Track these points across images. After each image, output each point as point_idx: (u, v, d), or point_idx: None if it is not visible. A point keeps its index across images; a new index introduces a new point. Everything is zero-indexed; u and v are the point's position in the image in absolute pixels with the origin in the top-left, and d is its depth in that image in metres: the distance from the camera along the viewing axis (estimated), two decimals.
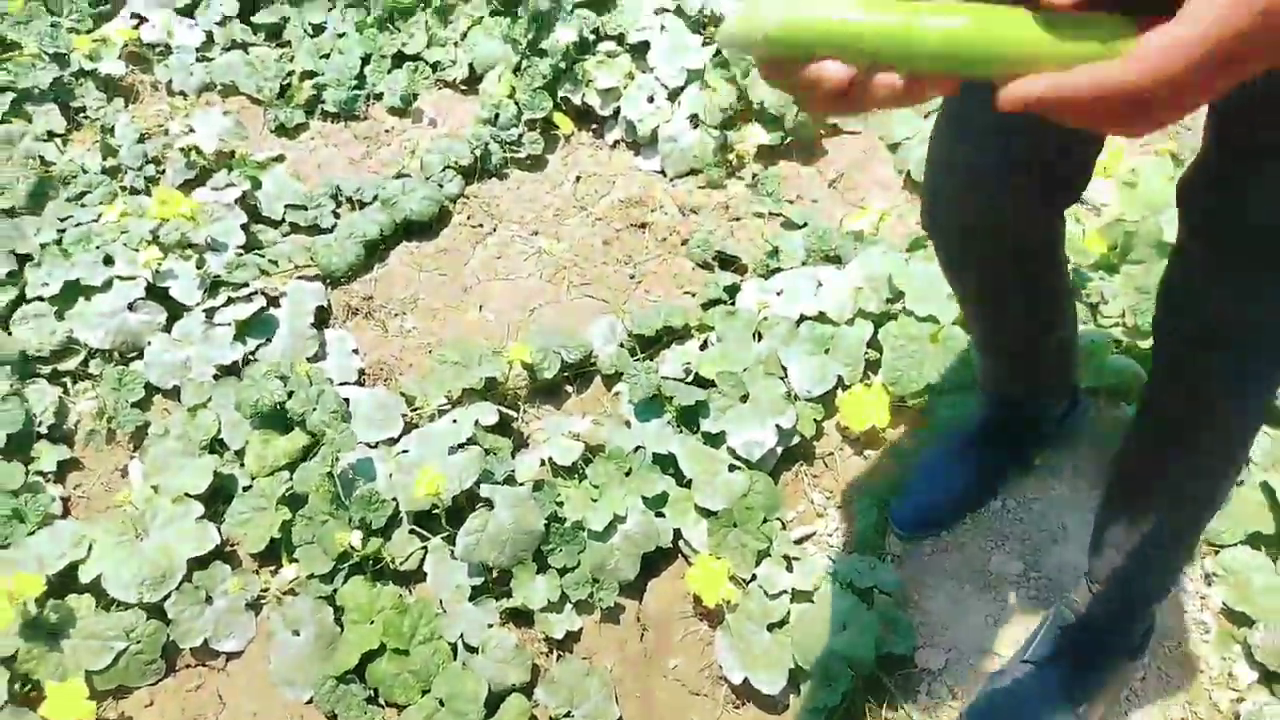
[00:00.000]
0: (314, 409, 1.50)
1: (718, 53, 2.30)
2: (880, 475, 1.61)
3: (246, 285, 1.81)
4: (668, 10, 2.38)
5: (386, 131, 2.34)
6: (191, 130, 2.17)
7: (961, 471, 1.49)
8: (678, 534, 1.50)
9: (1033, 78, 0.50)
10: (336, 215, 2.11)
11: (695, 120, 2.19)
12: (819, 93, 0.53)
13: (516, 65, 2.32)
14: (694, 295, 1.95)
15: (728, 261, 2.00)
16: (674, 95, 2.24)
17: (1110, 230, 1.70)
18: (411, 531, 1.46)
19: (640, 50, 2.31)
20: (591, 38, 2.34)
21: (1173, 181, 1.83)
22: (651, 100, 2.23)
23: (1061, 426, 1.50)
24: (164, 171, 2.19)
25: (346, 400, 1.58)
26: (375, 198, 2.09)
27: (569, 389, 1.79)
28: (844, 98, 0.53)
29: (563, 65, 2.28)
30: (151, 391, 1.74)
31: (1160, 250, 1.65)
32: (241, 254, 1.91)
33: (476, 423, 1.55)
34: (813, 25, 0.52)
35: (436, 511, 1.44)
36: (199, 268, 1.85)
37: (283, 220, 2.08)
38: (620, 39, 2.35)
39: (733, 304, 1.84)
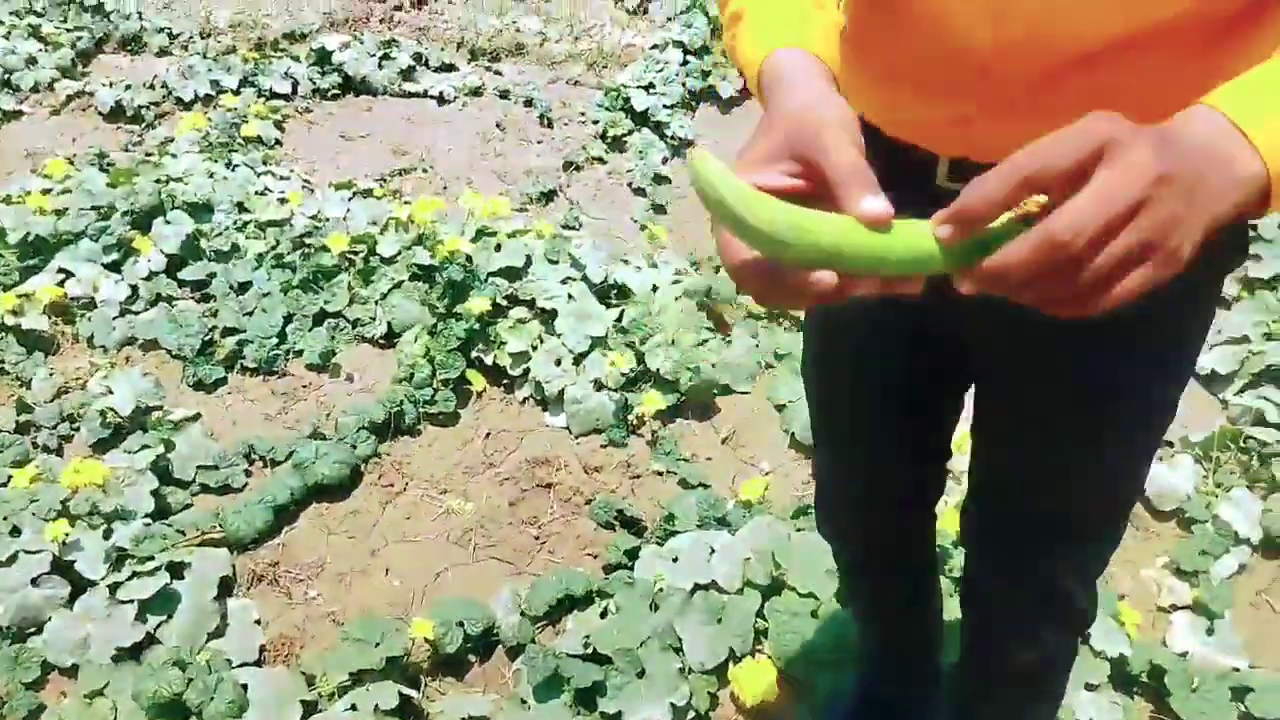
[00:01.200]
0: (211, 699, 1.52)
1: (619, 319, 2.51)
2: None
3: (152, 558, 1.83)
4: (575, 279, 2.59)
5: (304, 387, 2.44)
6: (110, 391, 2.24)
7: None
8: None
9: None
10: (248, 474, 2.17)
11: (598, 384, 2.35)
12: (806, 293, 0.59)
13: (433, 327, 2.47)
14: (596, 557, 2.04)
15: (629, 522, 2.11)
16: (579, 359, 2.41)
17: None
18: None
19: (549, 316, 2.50)
20: (504, 303, 2.52)
21: None
22: (559, 364, 2.39)
23: (929, 702, 1.60)
24: (79, 429, 2.24)
25: (245, 686, 1.59)
26: (289, 456, 2.17)
27: (472, 659, 1.83)
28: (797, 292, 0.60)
29: (477, 327, 2.45)
30: (48, 669, 1.72)
31: None
32: (149, 524, 1.95)
33: (376, 708, 1.58)
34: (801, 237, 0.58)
35: None
36: (105, 538, 1.87)
37: (193, 481, 2.13)
38: (531, 304, 2.54)
39: (632, 568, 1.93)
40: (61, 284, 2.58)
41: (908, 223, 0.60)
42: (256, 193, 3.04)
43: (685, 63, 4.05)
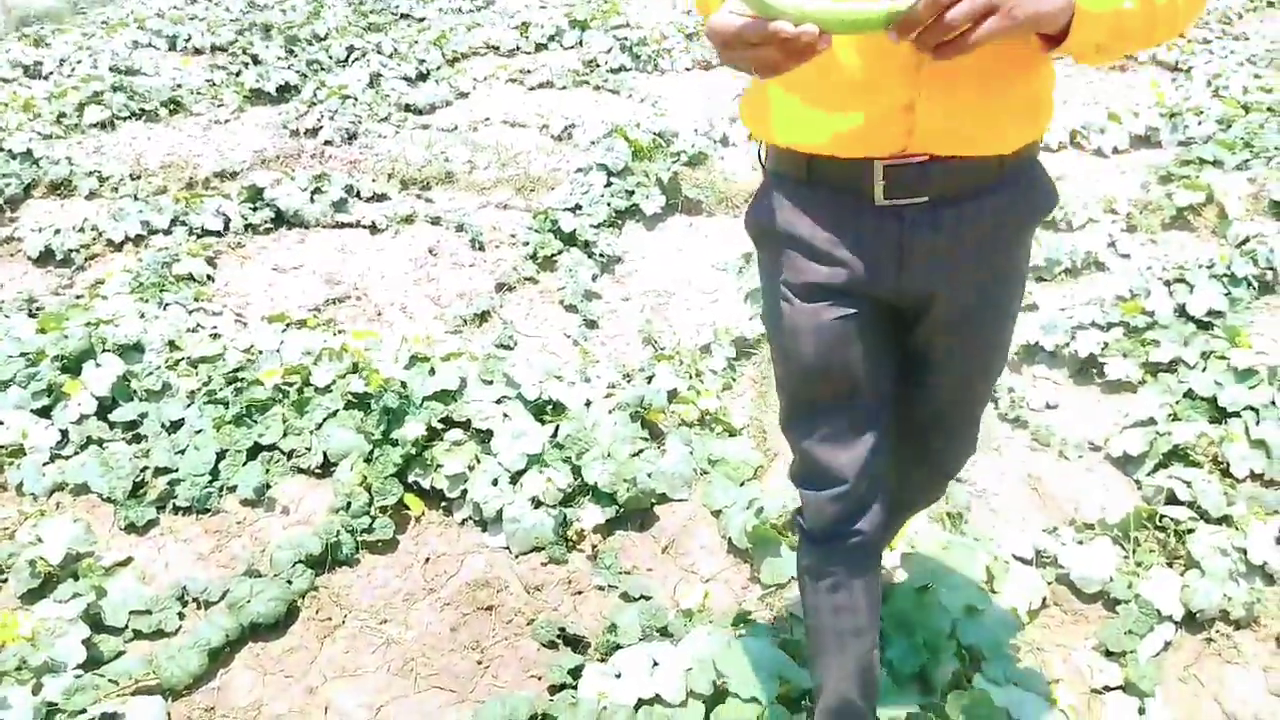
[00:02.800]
0: None
1: (555, 435, 2.55)
2: None
3: (84, 711, 1.78)
4: (510, 398, 2.64)
5: (238, 524, 2.42)
6: (39, 540, 2.20)
7: None
8: None
9: None
10: (182, 617, 2.13)
11: (536, 501, 2.37)
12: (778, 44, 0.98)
13: (369, 454, 2.49)
14: (540, 678, 2.03)
15: (572, 640, 2.10)
16: (516, 478, 2.43)
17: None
18: None
19: (485, 436, 2.54)
20: (440, 426, 2.55)
21: (946, 549, 2.10)
22: (495, 483, 2.42)
23: None
24: (6, 580, 2.18)
25: None
26: (223, 596, 2.14)
27: None
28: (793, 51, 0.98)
29: (413, 452, 2.47)
30: None
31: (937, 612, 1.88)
32: (81, 675, 1.90)
33: None
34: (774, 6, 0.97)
35: None
36: (35, 694, 1.82)
37: (126, 627, 2.09)
38: (467, 425, 2.58)
39: (575, 688, 1.93)
40: None
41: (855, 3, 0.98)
42: (188, 330, 3.06)
43: (609, 184, 4.22)
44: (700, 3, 1.24)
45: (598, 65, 5.74)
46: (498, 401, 2.62)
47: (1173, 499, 2.34)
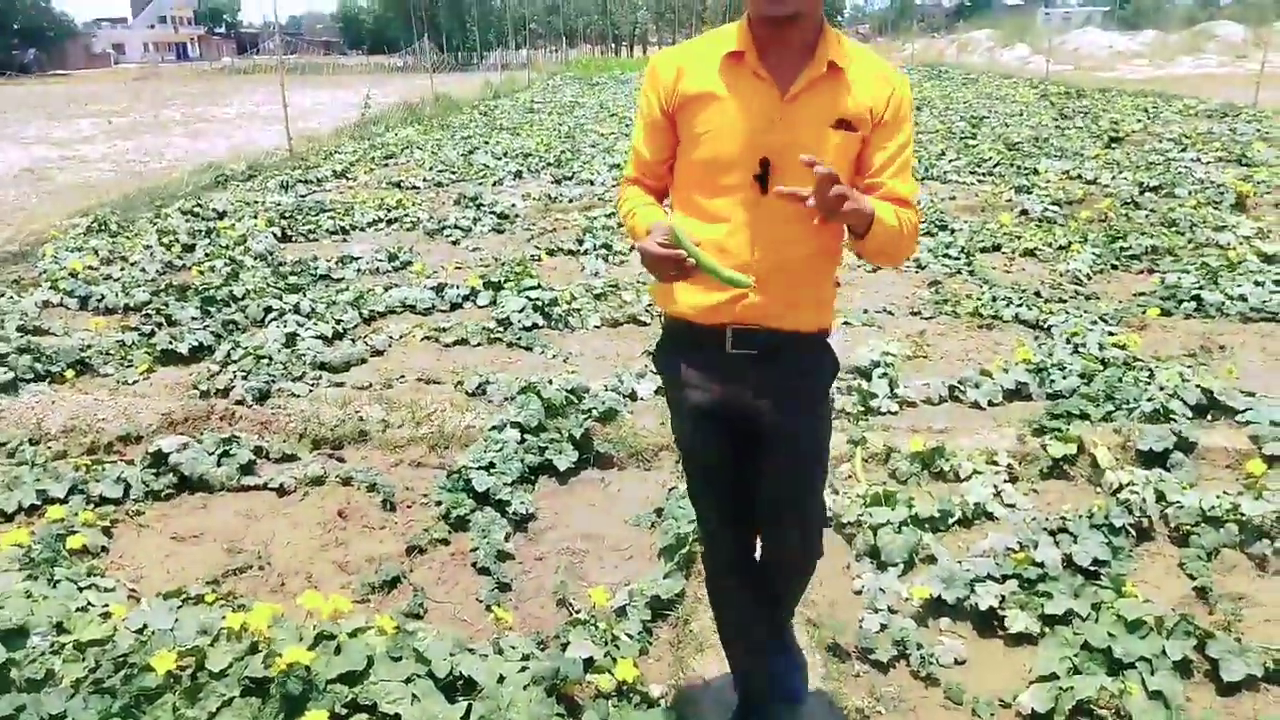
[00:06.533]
0: None
1: (466, 715, 2.47)
2: None
3: None
4: (419, 676, 2.56)
5: None
6: None
7: None
8: None
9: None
10: None
11: None
12: (676, 265, 1.86)
13: None
14: None
15: None
16: None
17: None
18: None
19: None
20: (344, 711, 2.44)
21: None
22: None
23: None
24: None
25: None
26: None
27: None
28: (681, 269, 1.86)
29: None
30: None
31: None
32: None
33: None
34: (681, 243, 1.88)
35: None
36: None
37: None
38: (373, 709, 2.47)
39: None
40: None
41: (719, 266, 1.89)
42: (78, 609, 2.91)
43: (523, 440, 4.31)
44: (631, 227, 2.11)
45: (510, 324, 5.99)
46: (407, 680, 2.54)
47: None
